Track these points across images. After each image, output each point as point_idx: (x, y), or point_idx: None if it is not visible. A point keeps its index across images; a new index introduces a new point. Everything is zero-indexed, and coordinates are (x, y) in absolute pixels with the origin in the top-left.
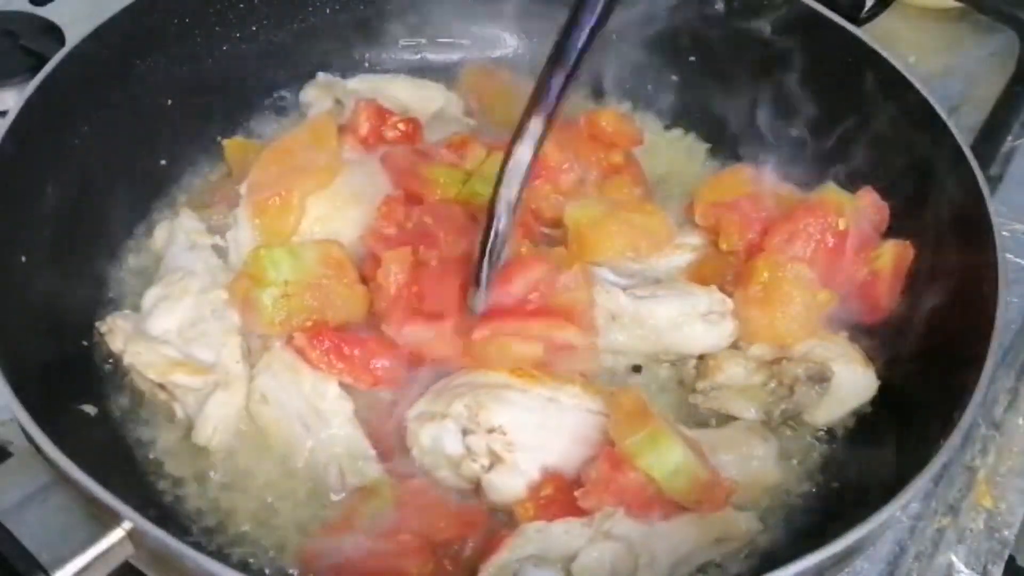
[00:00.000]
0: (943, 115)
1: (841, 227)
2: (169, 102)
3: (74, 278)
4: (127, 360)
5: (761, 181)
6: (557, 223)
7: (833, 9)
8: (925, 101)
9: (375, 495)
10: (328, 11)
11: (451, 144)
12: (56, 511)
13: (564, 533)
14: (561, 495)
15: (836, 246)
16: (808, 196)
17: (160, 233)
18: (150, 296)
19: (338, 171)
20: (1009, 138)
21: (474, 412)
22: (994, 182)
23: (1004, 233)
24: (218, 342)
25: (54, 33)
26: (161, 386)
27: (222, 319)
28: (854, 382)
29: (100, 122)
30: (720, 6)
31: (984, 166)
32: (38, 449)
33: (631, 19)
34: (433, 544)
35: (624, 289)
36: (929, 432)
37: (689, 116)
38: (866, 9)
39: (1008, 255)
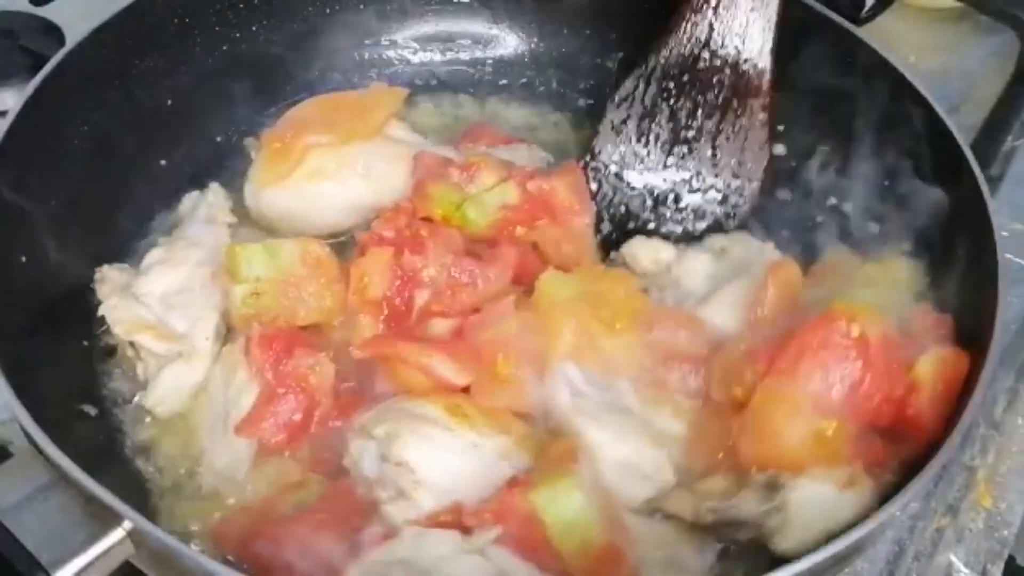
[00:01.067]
0: (943, 115)
1: (855, 334)
2: (169, 102)
3: (74, 279)
4: (102, 311)
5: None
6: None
7: (833, 9)
8: (925, 101)
9: (302, 487)
10: (328, 11)
11: (466, 165)
12: (56, 511)
13: (439, 542)
14: (455, 518)
15: (855, 359)
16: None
17: (186, 203)
18: (150, 256)
19: (359, 138)
20: (1009, 138)
21: (391, 441)
22: (994, 182)
23: (1004, 233)
24: (196, 315)
25: (54, 33)
26: (132, 344)
27: (208, 295)
28: (822, 504)
29: (99, 122)
30: None
31: (984, 166)
32: (38, 449)
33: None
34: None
35: (573, 398)
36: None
37: None
38: (866, 9)
39: (1008, 255)
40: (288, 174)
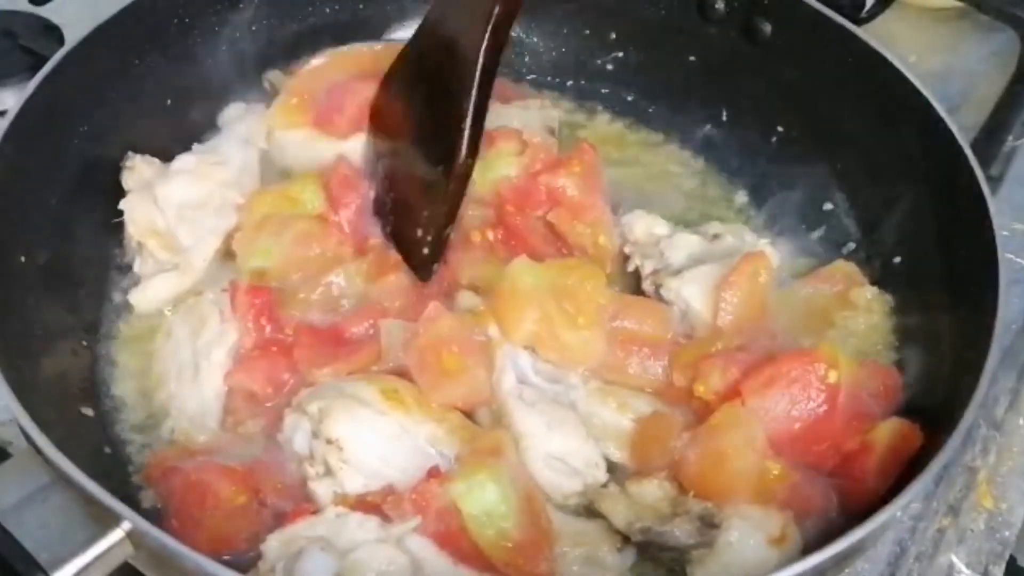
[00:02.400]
0: (944, 115)
1: (831, 379)
2: (169, 102)
3: (74, 278)
4: (122, 205)
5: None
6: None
7: (833, 9)
8: (926, 101)
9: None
10: (328, 11)
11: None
12: (55, 511)
13: (358, 526)
14: (381, 502)
15: (822, 403)
16: (797, 348)
17: (229, 112)
18: (181, 161)
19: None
20: (1010, 138)
21: (323, 417)
22: (995, 182)
23: (1004, 233)
24: (202, 234)
25: (53, 33)
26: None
27: (220, 217)
28: (750, 552)
29: (100, 122)
30: (720, 6)
31: (985, 166)
32: (38, 450)
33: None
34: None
35: (517, 385)
36: (930, 432)
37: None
38: (866, 9)
39: (1008, 255)
40: (304, 124)
